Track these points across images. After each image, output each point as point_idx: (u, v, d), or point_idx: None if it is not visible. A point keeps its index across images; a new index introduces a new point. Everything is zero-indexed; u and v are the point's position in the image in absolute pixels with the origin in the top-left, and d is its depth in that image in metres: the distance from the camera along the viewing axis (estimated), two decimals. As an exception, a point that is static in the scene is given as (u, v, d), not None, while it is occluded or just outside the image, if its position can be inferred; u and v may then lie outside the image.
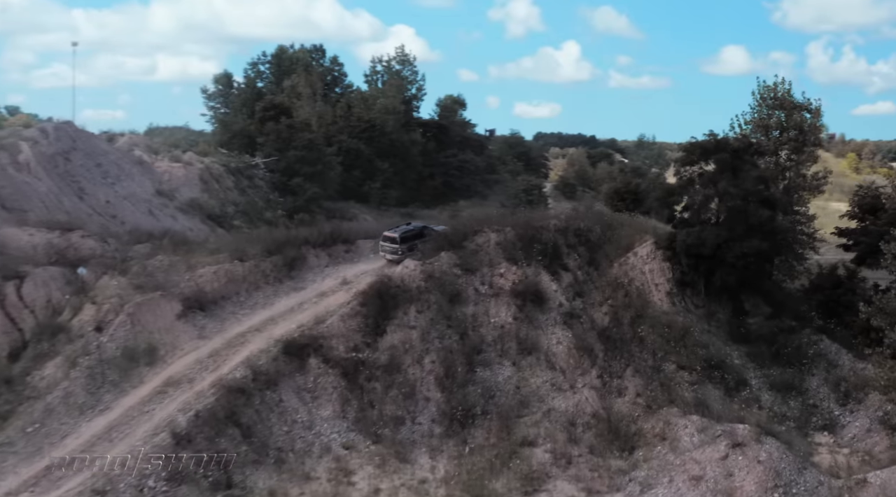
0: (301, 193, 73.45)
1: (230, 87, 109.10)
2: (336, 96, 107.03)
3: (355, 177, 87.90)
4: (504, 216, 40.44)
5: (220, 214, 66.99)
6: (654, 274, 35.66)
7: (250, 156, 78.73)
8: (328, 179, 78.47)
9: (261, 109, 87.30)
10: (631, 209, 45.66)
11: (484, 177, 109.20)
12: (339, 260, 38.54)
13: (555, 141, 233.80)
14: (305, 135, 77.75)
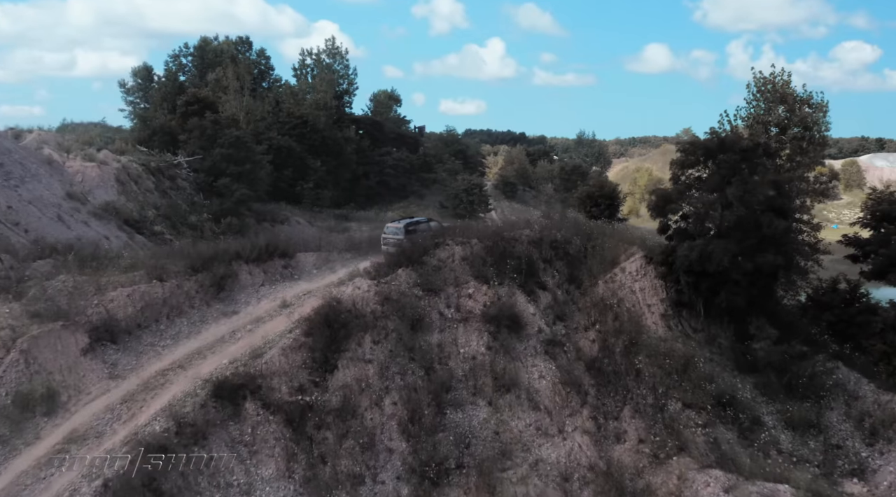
0: (228, 195, 67.43)
1: (150, 81, 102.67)
2: (264, 91, 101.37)
3: (286, 176, 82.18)
4: (468, 225, 35.54)
5: (138, 219, 60.62)
6: (645, 293, 31.01)
7: (172, 154, 72.32)
8: (257, 180, 72.60)
9: (183, 104, 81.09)
10: (608, 216, 41.29)
11: (420, 176, 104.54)
12: (276, 277, 33.10)
13: (484, 138, 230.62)
14: (232, 131, 71.63)
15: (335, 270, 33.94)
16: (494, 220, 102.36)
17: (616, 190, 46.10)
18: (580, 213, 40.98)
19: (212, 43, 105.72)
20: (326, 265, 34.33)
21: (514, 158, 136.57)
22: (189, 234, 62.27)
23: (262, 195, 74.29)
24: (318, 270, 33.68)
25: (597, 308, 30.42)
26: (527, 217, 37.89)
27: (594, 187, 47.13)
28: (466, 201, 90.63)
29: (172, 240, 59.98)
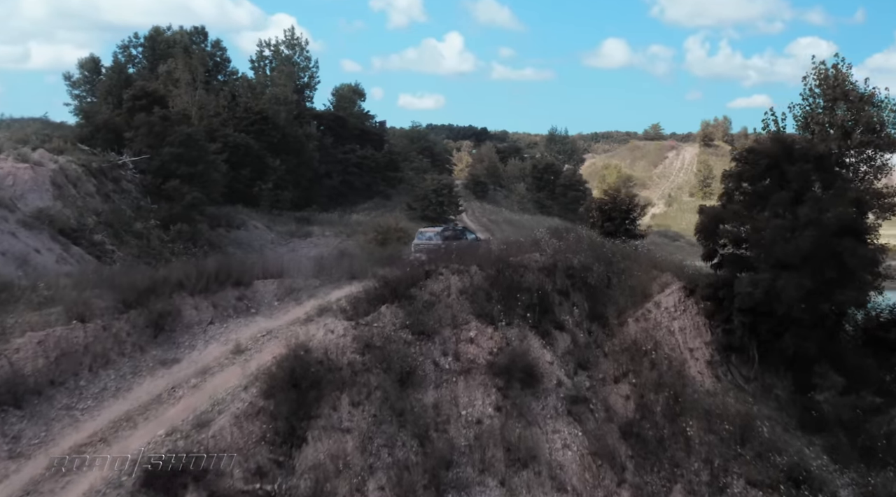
0: (178, 199, 60.93)
1: (97, 74, 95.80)
2: (219, 84, 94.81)
3: (243, 177, 75.83)
4: (466, 248, 29.68)
5: (76, 228, 53.82)
6: (686, 334, 25.37)
7: (117, 153, 65.52)
8: (211, 181, 66.16)
9: (130, 98, 74.20)
10: (624, 233, 35.73)
11: (385, 175, 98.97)
12: (228, 313, 26.77)
13: (445, 133, 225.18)
14: (183, 128, 65.11)
15: (301, 302, 27.83)
16: (465, 223, 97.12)
17: (633, 201, 40.17)
18: (590, 230, 35.17)
19: (164, 33, 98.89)
20: (290, 295, 28.19)
21: (484, 156, 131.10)
22: (134, 243, 56.03)
23: (216, 198, 67.92)
24: (280, 302, 27.58)
25: (628, 354, 24.70)
26: (532, 234, 31.85)
27: (606, 199, 41.06)
28: (436, 203, 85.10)
29: (114, 250, 53.70)
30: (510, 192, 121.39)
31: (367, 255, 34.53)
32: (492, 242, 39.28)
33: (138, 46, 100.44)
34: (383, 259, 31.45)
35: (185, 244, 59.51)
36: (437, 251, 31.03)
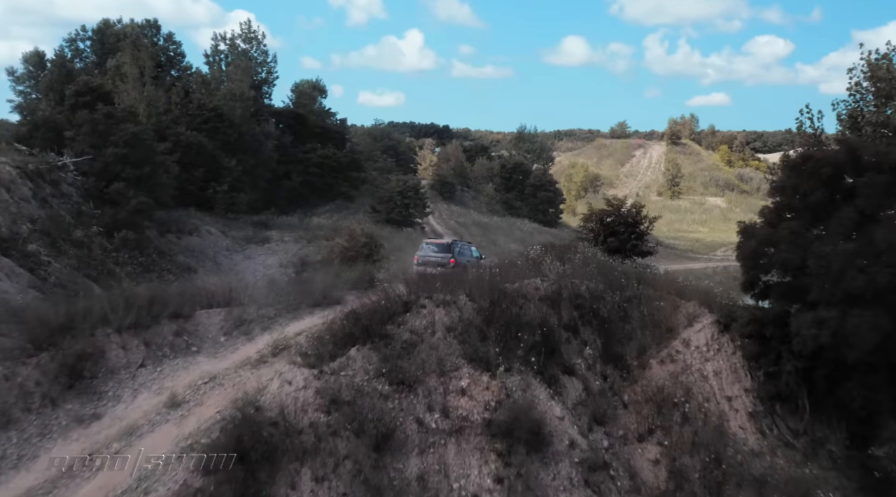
0: (124, 203, 55.91)
1: (43, 69, 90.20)
2: (173, 80, 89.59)
3: (196, 178, 70.82)
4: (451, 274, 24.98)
5: (7, 237, 48.68)
6: (723, 379, 20.81)
7: (56, 154, 60.18)
8: (159, 183, 61.10)
9: (72, 94, 69.13)
10: (632, 250, 31.39)
11: (348, 175, 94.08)
12: (164, 352, 22.00)
13: (407, 131, 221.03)
14: (129, 127, 59.92)
15: (253, 337, 23.16)
16: (433, 227, 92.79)
17: (641, 213, 35.32)
18: (590, 246, 30.42)
19: (114, 26, 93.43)
20: (240, 328, 23.52)
21: (450, 155, 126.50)
22: (73, 253, 50.85)
23: (166, 201, 62.85)
24: (227, 338, 22.91)
25: (653, 404, 20.10)
26: (525, 251, 27.34)
27: (609, 209, 36.33)
28: (401, 205, 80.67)
29: (50, 261, 48.53)
30: (478, 193, 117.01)
31: (332, 275, 29.88)
32: (483, 263, 35.23)
33: (86, 40, 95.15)
34: (352, 282, 27.01)
35: (130, 253, 54.84)
36: (446, 269, 28.69)
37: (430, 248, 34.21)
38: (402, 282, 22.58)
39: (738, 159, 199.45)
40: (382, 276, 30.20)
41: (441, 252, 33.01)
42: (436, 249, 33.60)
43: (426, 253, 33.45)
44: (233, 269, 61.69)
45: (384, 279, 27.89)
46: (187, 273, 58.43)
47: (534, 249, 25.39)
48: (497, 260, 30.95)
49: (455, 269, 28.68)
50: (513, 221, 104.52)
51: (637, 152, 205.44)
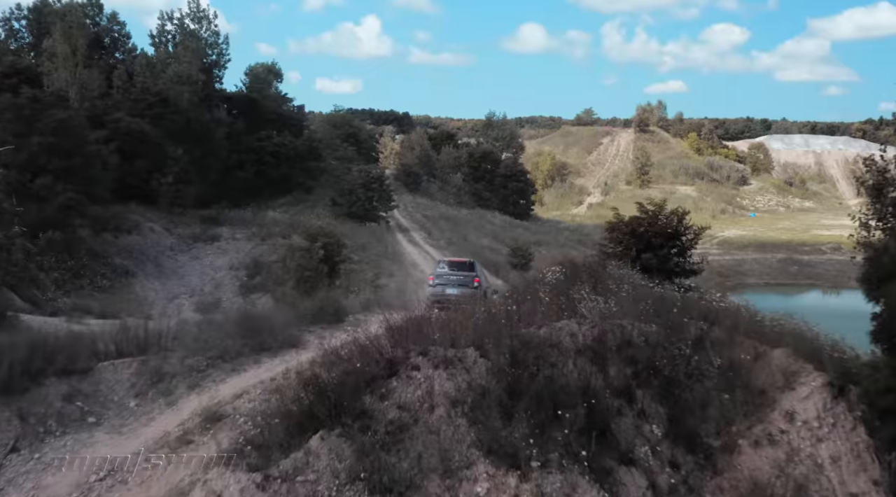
0: (51, 199, 49.18)
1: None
2: (114, 62, 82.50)
3: (138, 170, 64.08)
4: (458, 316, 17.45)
5: None
6: (843, 468, 14.26)
7: (-26, 144, 53.11)
8: (93, 176, 54.30)
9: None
10: (676, 269, 24.94)
11: (306, 165, 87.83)
12: (47, 427, 15.29)
13: (366, 118, 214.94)
14: (57, 113, 52.95)
15: (174, 399, 16.70)
16: (398, 221, 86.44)
17: (683, 220, 28.25)
18: (617, 263, 23.53)
19: (53, 5, 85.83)
20: (157, 386, 17.06)
21: (415, 143, 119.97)
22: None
23: (103, 196, 56.09)
24: (139, 401, 16.44)
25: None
26: (541, 273, 20.83)
27: (644, 217, 28.04)
28: (365, 198, 74.40)
29: None
30: (445, 184, 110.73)
31: (286, 305, 23.36)
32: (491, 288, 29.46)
33: (21, 19, 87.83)
34: (312, 314, 20.76)
35: (58, 256, 48.08)
36: (469, 291, 25.88)
37: (448, 267, 31.38)
38: (381, 322, 16.16)
39: (707, 147, 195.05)
40: (352, 302, 23.93)
41: (463, 271, 30.15)
42: (456, 269, 30.74)
43: (444, 272, 30.53)
44: (176, 273, 55.20)
45: (354, 308, 21.78)
46: (124, 278, 51.89)
47: (552, 272, 19.03)
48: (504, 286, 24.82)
49: (477, 292, 25.69)
50: (483, 214, 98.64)
51: (604, 140, 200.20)
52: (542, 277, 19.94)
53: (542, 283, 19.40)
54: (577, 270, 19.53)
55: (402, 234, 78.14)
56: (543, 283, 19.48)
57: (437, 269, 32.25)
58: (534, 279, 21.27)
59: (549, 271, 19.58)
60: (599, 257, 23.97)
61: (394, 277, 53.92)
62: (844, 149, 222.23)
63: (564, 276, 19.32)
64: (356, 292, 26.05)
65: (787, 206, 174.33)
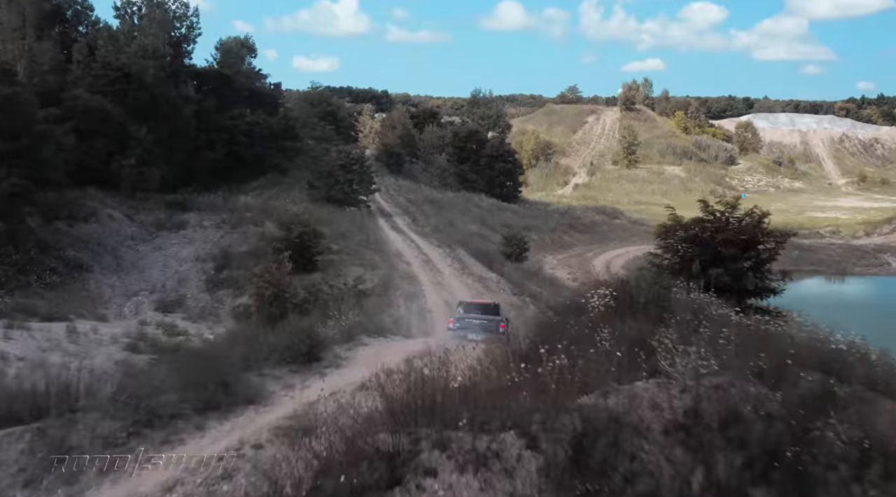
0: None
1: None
2: (75, 36, 76.68)
3: (97, 151, 59.03)
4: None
5: None
6: None
7: None
8: (45, 159, 48.91)
9: (-64, 49, 56.45)
10: (750, 292, 19.57)
11: (282, 144, 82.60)
12: None
13: (345, 96, 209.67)
14: (0, 88, 47.41)
15: (79, 491, 11.89)
16: (380, 205, 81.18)
17: (763, 221, 21.63)
18: (661, 279, 18.16)
19: (9, -26, 79.73)
20: (56, 471, 12.01)
21: (396, 122, 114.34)
22: None
23: (58, 179, 50.77)
24: (29, 495, 11.74)
25: None
26: (587, 299, 15.61)
27: (709, 220, 21.47)
28: (344, 180, 69.32)
29: None
30: (429, 165, 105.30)
31: (242, 340, 18.09)
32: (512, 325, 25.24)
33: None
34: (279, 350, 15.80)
35: (2, 249, 42.95)
36: (494, 336, 22.59)
37: (470, 309, 29.32)
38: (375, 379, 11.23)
39: (694, 126, 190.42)
40: (331, 333, 18.89)
41: (486, 314, 28.15)
42: (479, 311, 28.70)
43: (466, 315, 28.22)
44: (136, 266, 49.97)
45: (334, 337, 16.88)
46: (77, 272, 46.75)
47: (601, 297, 13.94)
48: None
49: (503, 338, 22.11)
50: (469, 197, 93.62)
51: (590, 118, 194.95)
52: (584, 303, 14.97)
53: (586, 311, 14.46)
54: (632, 293, 14.58)
55: (384, 219, 73.10)
56: (586, 311, 14.53)
57: (456, 311, 29.93)
58: (573, 304, 16.25)
59: (594, 295, 14.59)
60: (654, 272, 18.81)
61: (377, 270, 48.96)
62: (830, 128, 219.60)
63: (615, 300, 14.37)
64: (335, 315, 20.76)
65: (777, 186, 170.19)
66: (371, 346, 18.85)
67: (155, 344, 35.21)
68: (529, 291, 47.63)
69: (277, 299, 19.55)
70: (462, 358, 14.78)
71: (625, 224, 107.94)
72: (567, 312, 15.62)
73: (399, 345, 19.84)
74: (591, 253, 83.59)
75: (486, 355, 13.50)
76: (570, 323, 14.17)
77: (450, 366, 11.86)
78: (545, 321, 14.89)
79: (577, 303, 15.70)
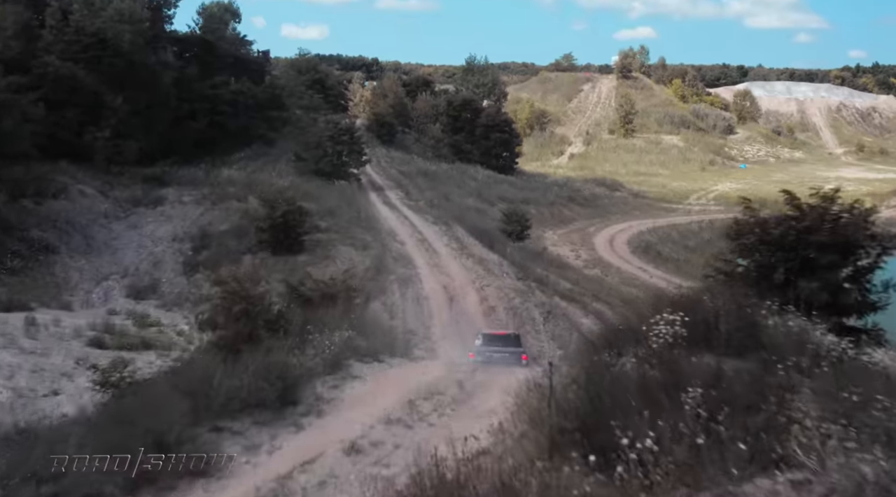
0: (-50, 160, 40.43)
1: None
2: (48, 0, 72.45)
3: (70, 122, 55.47)
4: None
5: None
6: None
7: None
8: (9, 131, 45.46)
9: None
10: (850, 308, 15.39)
11: (268, 114, 78.87)
12: None
13: (334, 64, 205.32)
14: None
15: None
16: (371, 178, 77.45)
17: (867, 221, 16.90)
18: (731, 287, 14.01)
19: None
20: None
21: (388, 90, 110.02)
22: None
23: (25, 152, 47.22)
24: None
25: None
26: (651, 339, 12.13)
27: (801, 218, 15.65)
28: (333, 152, 65.49)
29: None
30: (422, 135, 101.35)
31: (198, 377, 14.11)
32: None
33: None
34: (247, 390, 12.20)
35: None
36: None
37: (490, 341, 28.14)
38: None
39: (691, 94, 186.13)
40: (312, 363, 15.14)
41: (508, 346, 27.24)
42: (499, 344, 27.62)
43: (487, 348, 27.08)
44: (109, 246, 46.31)
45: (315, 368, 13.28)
46: (43, 255, 43.12)
47: (668, 324, 10.25)
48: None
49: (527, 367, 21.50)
50: (464, 169, 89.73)
51: (585, 87, 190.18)
52: (642, 328, 11.35)
53: (645, 340, 10.87)
54: (709, 317, 10.99)
55: (375, 193, 69.37)
56: (645, 339, 10.95)
57: (475, 343, 28.64)
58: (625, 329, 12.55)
59: (659, 320, 10.93)
60: (725, 284, 14.83)
61: (368, 251, 45.39)
62: (827, 96, 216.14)
63: (686, 327, 10.77)
64: (316, 339, 16.65)
65: (777, 156, 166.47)
66: (363, 379, 15.19)
67: (123, 336, 31.98)
68: (535, 275, 44.13)
69: (247, 316, 15.59)
70: (483, 404, 11.29)
71: (625, 197, 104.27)
72: (620, 342, 11.96)
73: (399, 374, 16.17)
74: (592, 228, 79.90)
75: (517, 408, 10.05)
76: (632, 362, 10.56)
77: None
78: (596, 362, 11.14)
79: (631, 327, 12.06)
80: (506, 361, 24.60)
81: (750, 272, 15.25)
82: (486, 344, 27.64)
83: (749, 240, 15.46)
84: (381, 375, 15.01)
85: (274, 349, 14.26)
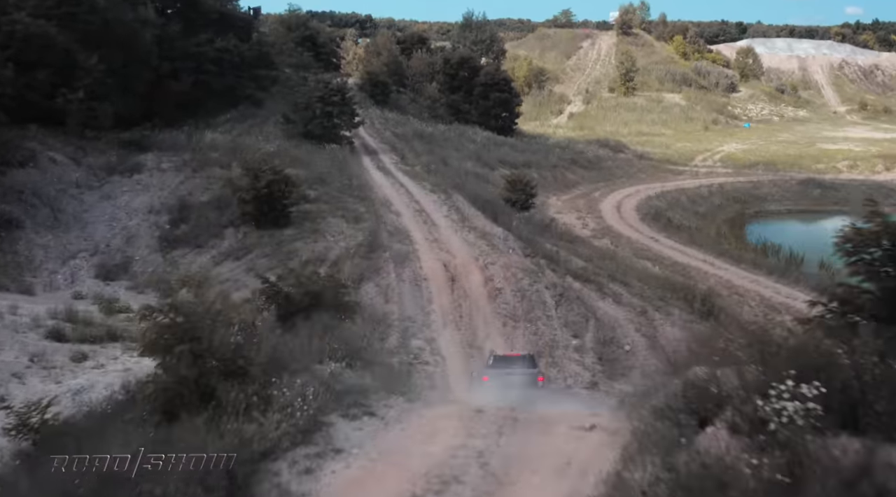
0: None
1: None
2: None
3: (40, 83, 51.66)
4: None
5: None
6: None
7: None
8: (-32, 94, 41.68)
9: None
10: None
11: (255, 74, 75.25)
12: None
13: (326, 21, 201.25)
14: None
15: None
16: (364, 141, 73.66)
17: None
18: None
19: None
20: None
21: (382, 48, 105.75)
22: None
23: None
24: None
25: None
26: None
27: None
28: (324, 113, 61.80)
29: None
30: (418, 95, 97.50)
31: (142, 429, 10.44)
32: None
33: None
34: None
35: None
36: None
37: (503, 363, 27.21)
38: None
39: (693, 51, 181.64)
40: (276, 433, 11.32)
41: (523, 368, 26.32)
42: (514, 365, 26.69)
43: (501, 371, 25.97)
44: (79, 220, 42.73)
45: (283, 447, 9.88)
46: (6, 230, 39.47)
47: (802, 400, 6.85)
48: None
49: None
50: (462, 130, 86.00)
51: (584, 44, 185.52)
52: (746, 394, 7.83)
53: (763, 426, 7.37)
54: (856, 383, 7.48)
55: (369, 157, 65.59)
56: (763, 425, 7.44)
57: (487, 363, 27.99)
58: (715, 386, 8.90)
59: (782, 393, 7.41)
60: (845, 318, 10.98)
61: (361, 223, 41.88)
62: (829, 54, 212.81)
63: (820, 401, 7.27)
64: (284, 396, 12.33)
65: (781, 115, 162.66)
66: (347, 455, 11.22)
67: (87, 325, 28.70)
68: (544, 251, 40.56)
69: (193, 358, 11.51)
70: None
71: (630, 158, 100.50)
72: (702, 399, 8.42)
73: (397, 442, 12.11)
74: (598, 192, 76.37)
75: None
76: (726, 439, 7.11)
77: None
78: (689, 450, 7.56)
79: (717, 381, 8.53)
80: (522, 385, 23.63)
81: (878, 299, 11.04)
82: (499, 366, 26.66)
83: (875, 254, 11.11)
84: (373, 444, 11.22)
85: (224, 413, 10.51)
